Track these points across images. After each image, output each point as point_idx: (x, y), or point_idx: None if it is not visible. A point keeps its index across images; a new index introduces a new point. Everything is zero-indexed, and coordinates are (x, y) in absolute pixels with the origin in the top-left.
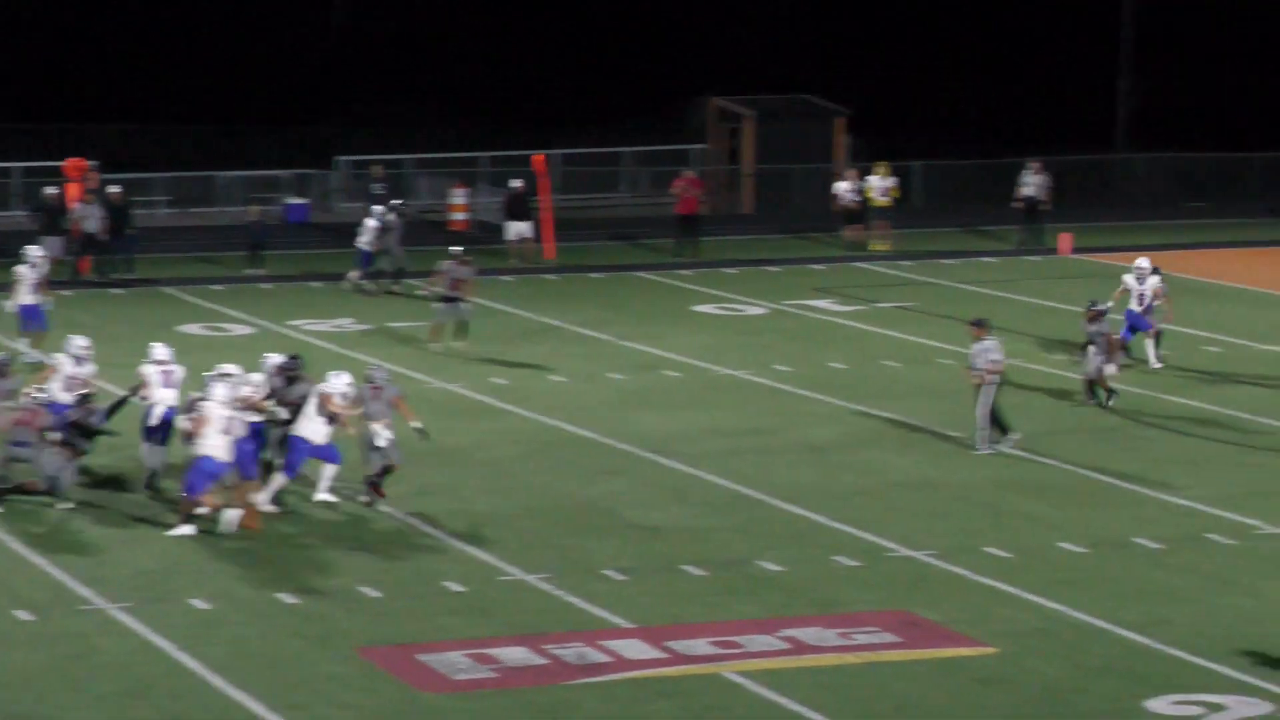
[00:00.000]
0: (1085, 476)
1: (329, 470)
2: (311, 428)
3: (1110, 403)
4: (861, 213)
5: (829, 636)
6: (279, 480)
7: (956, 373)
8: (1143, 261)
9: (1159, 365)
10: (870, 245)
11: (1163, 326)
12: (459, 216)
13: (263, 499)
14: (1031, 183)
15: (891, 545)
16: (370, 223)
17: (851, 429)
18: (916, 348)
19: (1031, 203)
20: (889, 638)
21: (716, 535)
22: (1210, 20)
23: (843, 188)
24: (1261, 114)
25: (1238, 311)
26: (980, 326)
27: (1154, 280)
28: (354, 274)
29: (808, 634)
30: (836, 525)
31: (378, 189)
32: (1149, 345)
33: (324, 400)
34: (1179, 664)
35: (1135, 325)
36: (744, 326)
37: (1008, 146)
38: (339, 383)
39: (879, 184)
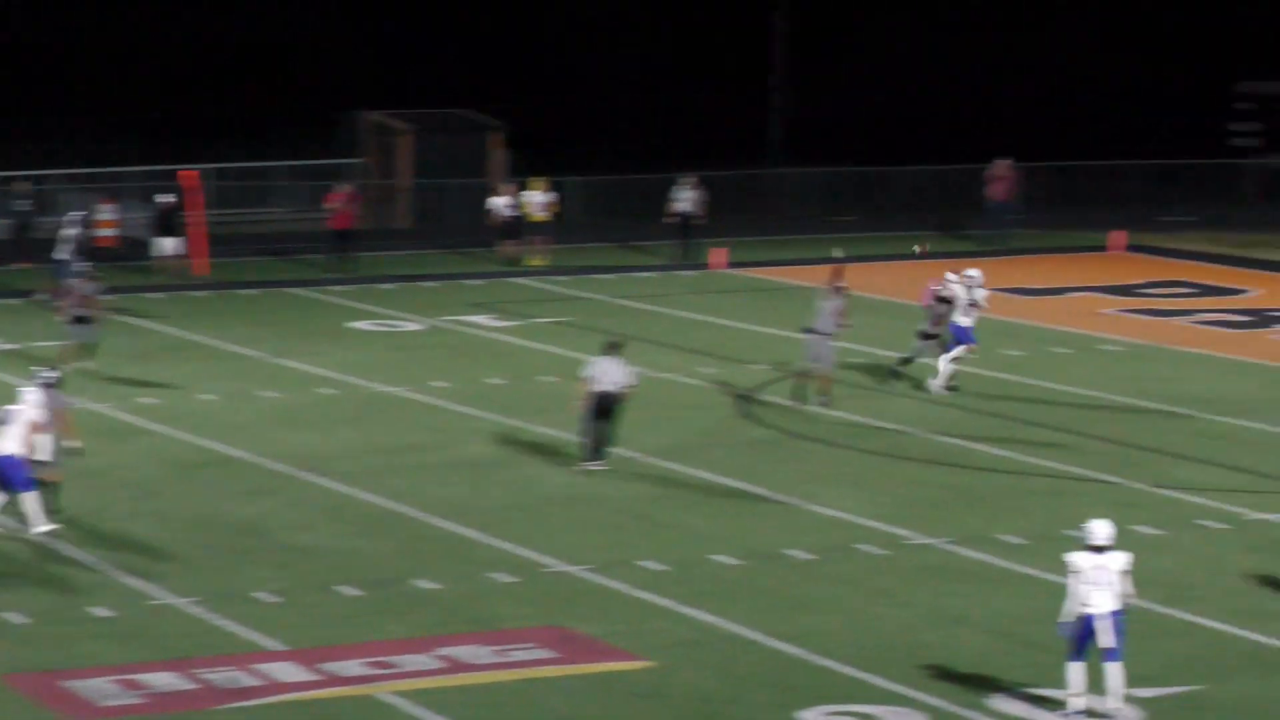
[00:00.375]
0: (738, 488)
1: (31, 498)
2: (16, 446)
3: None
4: (518, 228)
5: (485, 654)
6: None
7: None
8: (974, 271)
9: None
10: (527, 260)
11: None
12: (107, 233)
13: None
14: (685, 198)
15: (547, 560)
16: (66, 232)
17: (508, 444)
18: (573, 363)
19: (686, 217)
20: (545, 653)
21: (370, 554)
22: (857, 38)
23: (499, 203)
24: (906, 128)
25: (886, 324)
26: (615, 347)
27: (983, 292)
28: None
29: (463, 652)
30: (492, 541)
31: (22, 205)
32: (944, 361)
33: (31, 423)
34: (831, 675)
35: (960, 338)
36: (400, 342)
37: (663, 161)
38: (35, 399)
39: (537, 199)
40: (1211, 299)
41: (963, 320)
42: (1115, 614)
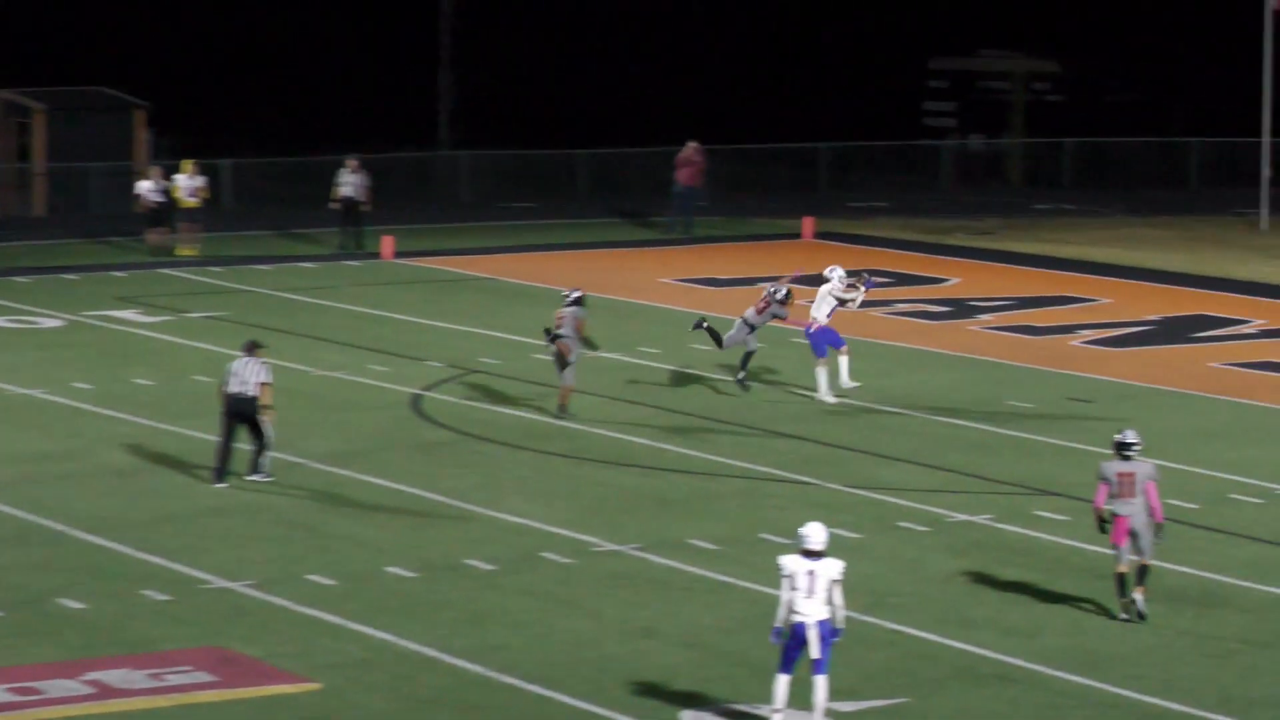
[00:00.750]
0: (414, 495)
1: None
2: None
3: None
4: (167, 214)
5: (138, 678)
6: None
7: (278, 389)
8: (839, 270)
9: (854, 384)
10: (177, 250)
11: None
12: None
13: None
14: (349, 182)
15: (205, 576)
16: None
17: (160, 450)
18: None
19: (350, 203)
20: (204, 677)
21: (9, 572)
22: (534, 12)
23: (145, 187)
24: (587, 109)
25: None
26: (253, 347)
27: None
28: None
29: (114, 676)
30: (144, 556)
31: None
32: (843, 362)
33: None
34: (515, 693)
35: (831, 342)
36: (39, 340)
37: (324, 143)
38: None
39: (186, 183)
40: (908, 288)
41: (825, 319)
42: (823, 623)
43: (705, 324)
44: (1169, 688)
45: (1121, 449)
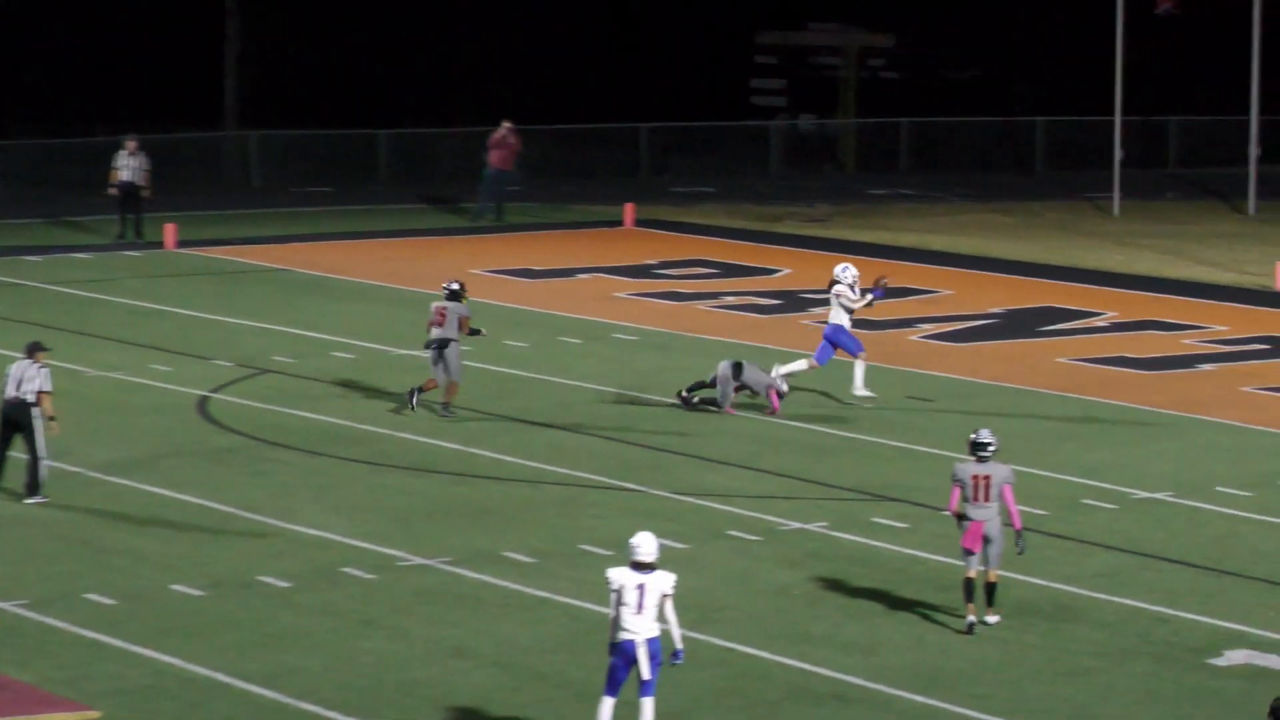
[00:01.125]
0: (202, 506)
1: None
2: None
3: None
4: None
5: None
6: None
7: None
8: (852, 270)
9: (868, 393)
10: None
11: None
12: None
13: None
14: (128, 165)
15: None
16: None
17: None
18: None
19: (129, 188)
20: None
21: None
22: None
23: None
24: (388, 87)
25: (369, 311)
26: (35, 350)
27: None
28: None
29: None
30: None
31: None
32: (858, 370)
33: None
34: None
35: (841, 343)
36: None
37: (100, 122)
38: None
39: None
40: (736, 280)
41: (843, 320)
42: (652, 641)
43: (686, 395)
44: (1018, 707)
45: (976, 449)
